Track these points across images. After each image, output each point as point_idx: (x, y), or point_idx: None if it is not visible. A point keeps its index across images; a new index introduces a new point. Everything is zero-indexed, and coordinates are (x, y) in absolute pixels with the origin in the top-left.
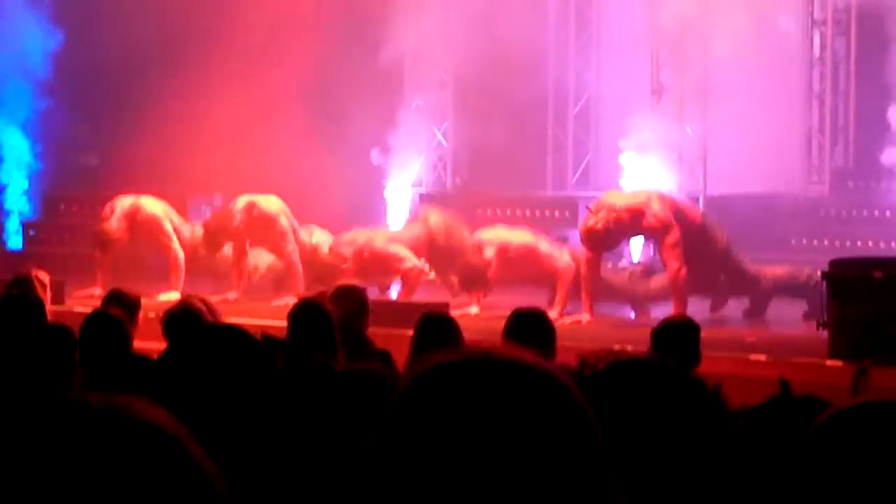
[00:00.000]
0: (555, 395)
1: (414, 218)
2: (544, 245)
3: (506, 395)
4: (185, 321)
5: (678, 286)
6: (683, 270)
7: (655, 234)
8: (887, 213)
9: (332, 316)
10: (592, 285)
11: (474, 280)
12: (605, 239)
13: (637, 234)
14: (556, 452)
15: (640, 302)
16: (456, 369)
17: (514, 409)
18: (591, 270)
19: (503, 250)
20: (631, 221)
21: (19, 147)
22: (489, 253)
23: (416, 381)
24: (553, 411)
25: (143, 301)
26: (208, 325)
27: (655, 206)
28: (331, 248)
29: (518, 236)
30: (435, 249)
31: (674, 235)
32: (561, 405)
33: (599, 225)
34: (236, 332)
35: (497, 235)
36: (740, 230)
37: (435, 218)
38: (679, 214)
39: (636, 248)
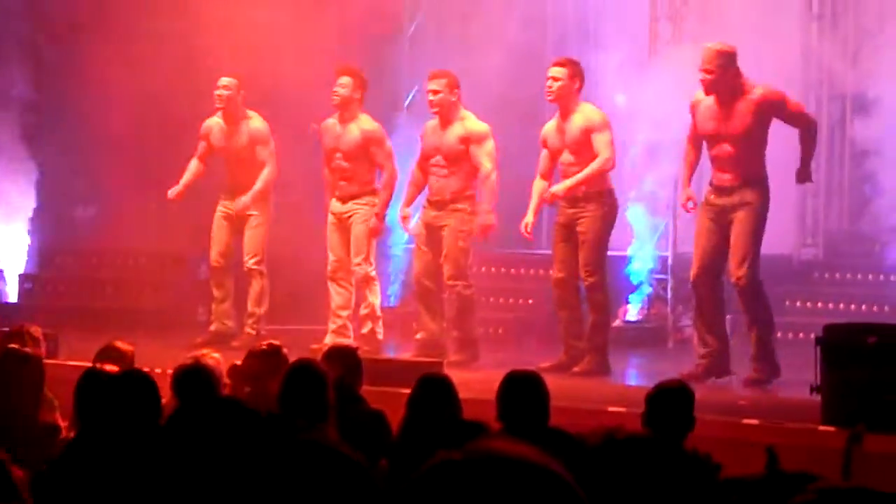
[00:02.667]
0: (557, 493)
1: None
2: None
3: (509, 494)
4: (197, 383)
5: None
6: None
7: None
8: (881, 277)
9: (326, 377)
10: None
11: None
12: None
13: None
14: None
15: None
16: (459, 467)
17: None
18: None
19: None
20: None
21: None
22: None
23: (421, 478)
24: None
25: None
26: (221, 397)
27: None
28: None
29: None
30: None
31: None
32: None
33: None
34: (243, 408)
35: None
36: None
37: None
38: None
39: (634, 306)
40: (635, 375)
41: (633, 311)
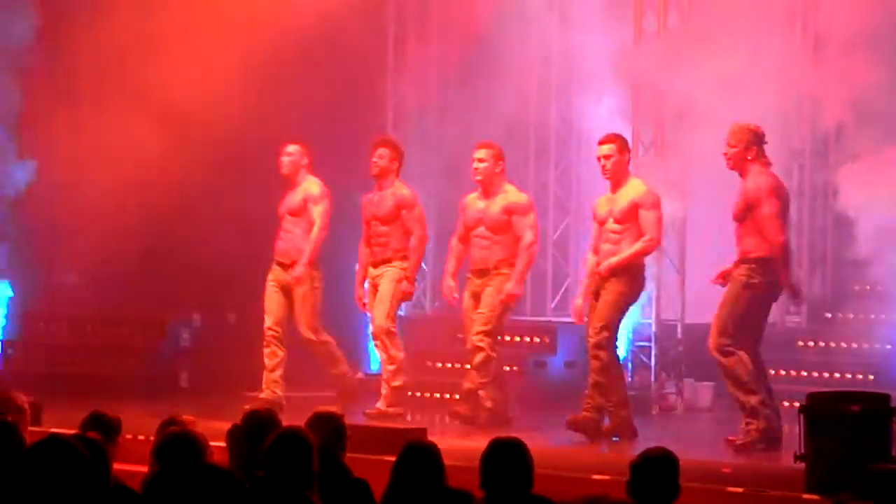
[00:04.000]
0: None
1: None
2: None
3: None
4: (181, 451)
5: None
6: None
7: None
8: (865, 346)
9: (312, 444)
10: None
11: None
12: None
13: None
14: None
15: None
16: None
17: None
18: None
19: None
20: None
21: None
22: None
23: None
24: None
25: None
26: (204, 464)
27: None
28: None
29: None
30: None
31: None
32: None
33: None
34: (226, 475)
35: None
36: None
37: None
38: None
39: None
40: (617, 445)
41: None
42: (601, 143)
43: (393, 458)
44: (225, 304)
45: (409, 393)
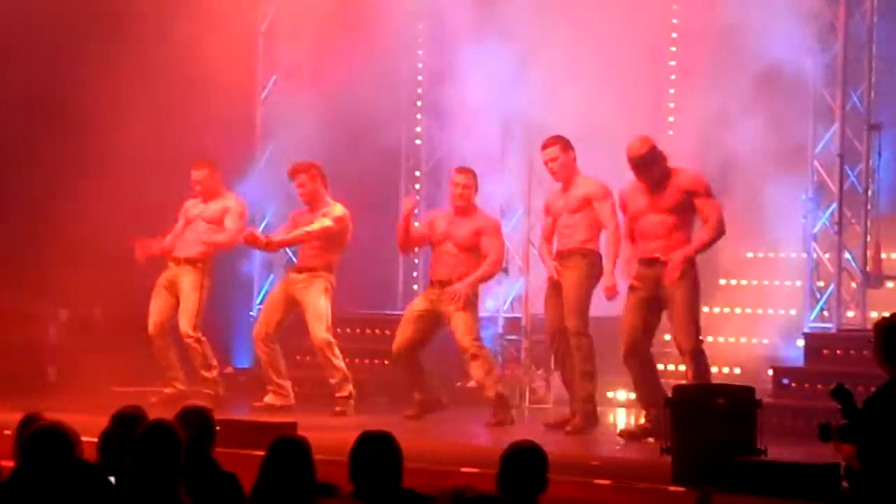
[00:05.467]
0: None
1: None
2: None
3: None
4: (50, 446)
5: None
6: None
7: None
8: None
9: (181, 439)
10: None
11: None
12: None
13: None
14: None
15: None
16: None
17: None
18: None
19: None
20: None
21: None
22: None
23: None
24: None
25: None
26: (71, 459)
27: None
28: None
29: None
30: None
31: None
32: None
33: None
34: (93, 470)
35: None
36: None
37: None
38: None
39: None
40: (488, 436)
41: None
42: (544, 147)
43: (262, 453)
44: (91, 298)
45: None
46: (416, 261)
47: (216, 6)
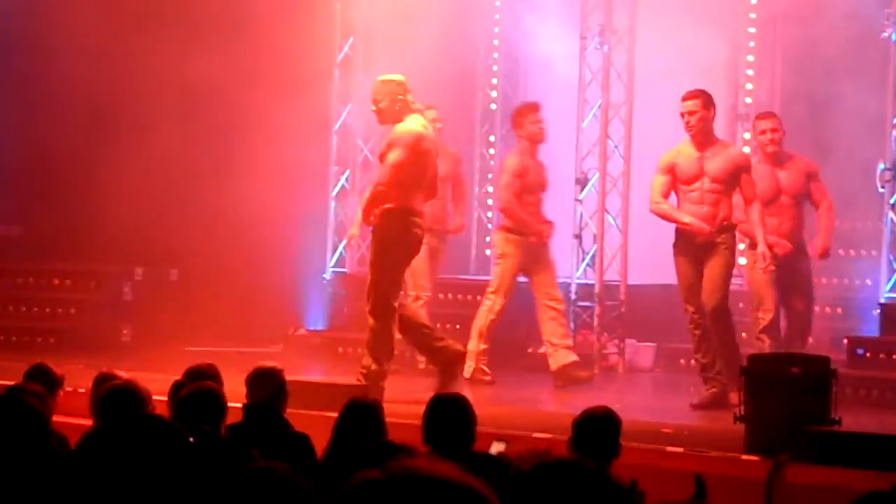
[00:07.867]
0: None
1: None
2: None
3: None
4: (124, 404)
5: None
6: None
7: None
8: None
9: (223, 404)
10: None
11: None
12: None
13: None
14: None
15: None
16: (381, 487)
17: None
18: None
19: None
20: None
21: None
22: None
23: (341, 498)
24: None
25: None
26: (147, 416)
27: None
28: None
29: None
30: None
31: None
32: None
33: None
34: (169, 427)
35: None
36: (662, 319)
37: None
38: None
39: None
40: (561, 402)
41: None
42: (685, 98)
43: (335, 415)
44: (167, 259)
45: None
46: (489, 226)
47: None
